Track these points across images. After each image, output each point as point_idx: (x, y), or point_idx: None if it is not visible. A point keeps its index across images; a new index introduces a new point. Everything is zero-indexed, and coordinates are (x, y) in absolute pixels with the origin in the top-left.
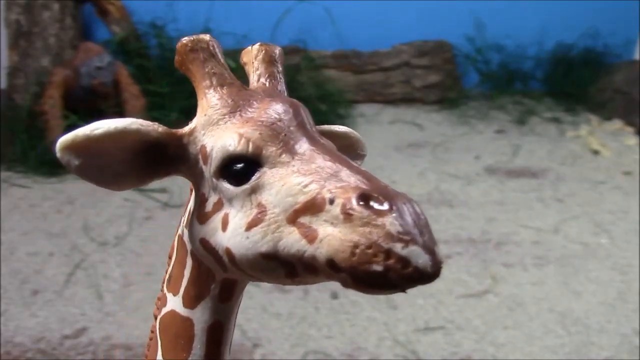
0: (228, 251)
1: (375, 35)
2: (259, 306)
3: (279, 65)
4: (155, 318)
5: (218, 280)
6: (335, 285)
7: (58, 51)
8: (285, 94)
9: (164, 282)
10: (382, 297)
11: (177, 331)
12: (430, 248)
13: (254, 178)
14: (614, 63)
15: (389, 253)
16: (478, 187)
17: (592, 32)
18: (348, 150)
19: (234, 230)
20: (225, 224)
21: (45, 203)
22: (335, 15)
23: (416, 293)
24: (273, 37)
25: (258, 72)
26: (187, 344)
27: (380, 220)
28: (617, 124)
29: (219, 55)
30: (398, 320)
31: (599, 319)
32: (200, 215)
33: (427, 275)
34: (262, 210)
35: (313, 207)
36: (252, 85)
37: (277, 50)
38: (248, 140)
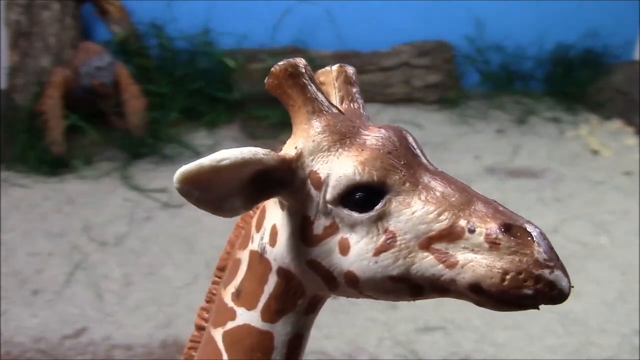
0: (350, 274)
1: (375, 35)
2: None
3: (357, 86)
4: (200, 328)
5: (308, 295)
6: None
7: (58, 51)
8: (366, 113)
9: (223, 295)
10: None
11: (252, 344)
12: (566, 271)
13: (379, 206)
14: (613, 63)
15: (538, 278)
16: (478, 187)
17: (592, 33)
18: None
19: (358, 255)
20: (345, 249)
21: (45, 203)
22: (335, 15)
23: None
24: (273, 37)
25: (340, 93)
26: (264, 356)
27: (528, 250)
28: (617, 124)
29: (315, 80)
30: (398, 320)
31: (599, 319)
32: (307, 237)
33: (566, 296)
34: (391, 236)
35: (450, 235)
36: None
37: (352, 71)
38: (372, 169)
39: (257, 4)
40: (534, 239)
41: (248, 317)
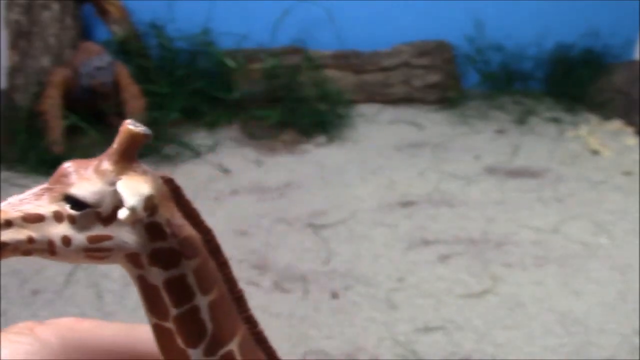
0: None
1: (375, 35)
2: (259, 306)
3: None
4: None
5: None
6: (335, 285)
7: (58, 51)
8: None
9: None
10: (382, 297)
11: None
12: None
13: None
14: (614, 63)
15: None
16: (478, 187)
17: (592, 32)
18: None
19: None
20: None
21: None
22: (335, 15)
23: (416, 293)
24: (273, 37)
25: None
26: None
27: None
28: (617, 124)
29: None
30: (398, 320)
31: (599, 319)
32: None
33: None
34: None
35: None
36: None
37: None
38: None
39: (257, 4)
40: None
41: None
